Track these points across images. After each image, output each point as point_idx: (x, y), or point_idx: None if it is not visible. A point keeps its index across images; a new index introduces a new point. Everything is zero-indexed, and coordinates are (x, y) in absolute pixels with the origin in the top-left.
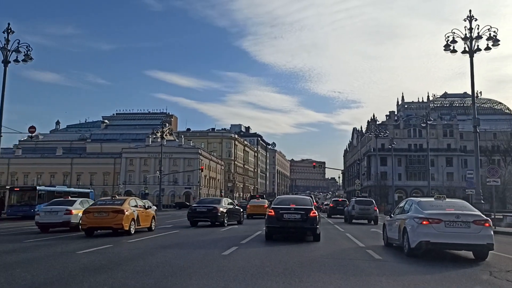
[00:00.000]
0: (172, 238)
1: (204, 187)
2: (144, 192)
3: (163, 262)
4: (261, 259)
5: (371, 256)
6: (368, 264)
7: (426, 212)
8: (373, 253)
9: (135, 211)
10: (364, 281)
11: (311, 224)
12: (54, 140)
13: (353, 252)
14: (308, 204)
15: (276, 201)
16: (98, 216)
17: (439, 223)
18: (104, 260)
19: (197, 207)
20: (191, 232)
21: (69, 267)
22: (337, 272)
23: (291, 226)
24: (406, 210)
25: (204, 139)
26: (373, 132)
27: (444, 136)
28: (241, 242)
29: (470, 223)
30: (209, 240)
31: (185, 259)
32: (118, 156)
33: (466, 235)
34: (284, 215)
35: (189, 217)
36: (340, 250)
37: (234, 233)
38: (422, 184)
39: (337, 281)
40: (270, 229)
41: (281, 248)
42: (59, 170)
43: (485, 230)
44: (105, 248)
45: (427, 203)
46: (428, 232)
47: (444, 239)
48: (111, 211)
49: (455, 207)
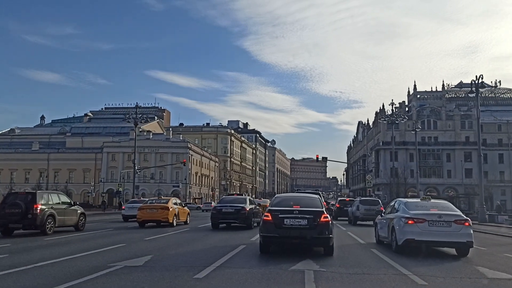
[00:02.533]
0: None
1: (195, 185)
2: (117, 189)
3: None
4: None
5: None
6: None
7: (412, 212)
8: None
9: (176, 208)
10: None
11: (322, 233)
12: (32, 134)
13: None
14: (317, 205)
15: (275, 202)
16: (150, 212)
17: (423, 223)
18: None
19: (223, 207)
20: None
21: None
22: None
23: (294, 235)
24: (395, 210)
25: (198, 134)
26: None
27: (462, 128)
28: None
29: (451, 222)
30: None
31: None
32: (99, 151)
33: (448, 233)
34: (285, 220)
35: (213, 219)
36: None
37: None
38: (437, 182)
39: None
40: (266, 240)
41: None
42: (34, 167)
43: (465, 229)
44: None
45: (413, 204)
46: (413, 231)
47: (427, 237)
48: (159, 208)
49: (439, 208)
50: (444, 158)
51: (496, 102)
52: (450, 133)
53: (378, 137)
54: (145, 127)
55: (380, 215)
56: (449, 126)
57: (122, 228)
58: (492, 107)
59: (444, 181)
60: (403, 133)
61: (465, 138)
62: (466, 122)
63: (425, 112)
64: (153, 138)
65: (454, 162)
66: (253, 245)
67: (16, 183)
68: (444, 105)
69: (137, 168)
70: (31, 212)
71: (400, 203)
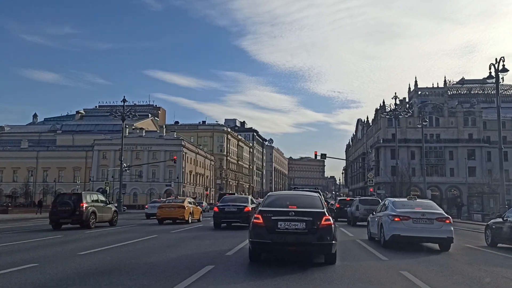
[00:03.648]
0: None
1: (189, 184)
2: (104, 188)
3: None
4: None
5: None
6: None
7: (398, 210)
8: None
9: (191, 207)
10: None
11: (323, 238)
12: (21, 132)
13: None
14: (317, 205)
15: (267, 201)
16: (168, 210)
17: (408, 220)
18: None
19: (225, 207)
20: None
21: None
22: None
23: (290, 241)
24: (384, 209)
25: (194, 132)
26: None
27: (465, 125)
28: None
29: (433, 220)
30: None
31: None
32: (90, 149)
33: (430, 229)
34: (279, 223)
35: (216, 218)
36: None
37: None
38: (439, 181)
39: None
40: (256, 246)
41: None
42: (23, 165)
43: (446, 226)
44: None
45: (400, 203)
46: (399, 227)
47: (411, 233)
48: (176, 207)
49: (423, 207)
50: (447, 156)
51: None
52: (453, 130)
53: (378, 134)
54: (138, 124)
55: (372, 213)
56: (451, 123)
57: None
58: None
59: (446, 180)
60: (404, 130)
61: (468, 136)
62: (469, 118)
63: (426, 109)
64: (146, 135)
65: (457, 160)
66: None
67: (3, 182)
68: (446, 101)
69: (126, 166)
70: (78, 209)
71: (389, 202)
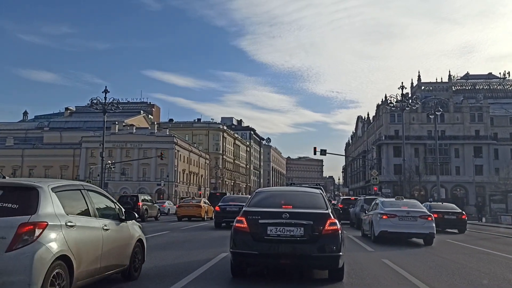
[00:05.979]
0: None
1: (182, 184)
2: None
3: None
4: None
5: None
6: None
7: (386, 209)
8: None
9: (206, 206)
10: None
11: (327, 249)
12: (7, 129)
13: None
14: (319, 205)
15: (255, 199)
16: (187, 209)
17: (394, 217)
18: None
19: (227, 206)
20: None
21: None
22: None
23: (283, 252)
24: (375, 208)
25: (189, 130)
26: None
27: (471, 121)
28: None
29: (417, 217)
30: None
31: None
32: (78, 147)
33: (414, 226)
34: (270, 228)
35: (217, 218)
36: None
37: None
38: (444, 179)
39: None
40: (240, 259)
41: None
42: (7, 164)
43: (428, 223)
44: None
45: (388, 203)
46: (386, 224)
47: (398, 229)
48: (194, 206)
49: (408, 206)
50: (452, 153)
51: (505, 95)
52: (459, 127)
53: (380, 131)
54: (129, 121)
55: (364, 212)
56: (457, 119)
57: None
58: (501, 99)
59: (452, 179)
60: (407, 126)
61: (474, 132)
62: (476, 114)
63: (431, 104)
64: (137, 132)
65: (463, 158)
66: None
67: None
68: (451, 97)
69: (111, 163)
70: (136, 207)
71: (379, 202)
